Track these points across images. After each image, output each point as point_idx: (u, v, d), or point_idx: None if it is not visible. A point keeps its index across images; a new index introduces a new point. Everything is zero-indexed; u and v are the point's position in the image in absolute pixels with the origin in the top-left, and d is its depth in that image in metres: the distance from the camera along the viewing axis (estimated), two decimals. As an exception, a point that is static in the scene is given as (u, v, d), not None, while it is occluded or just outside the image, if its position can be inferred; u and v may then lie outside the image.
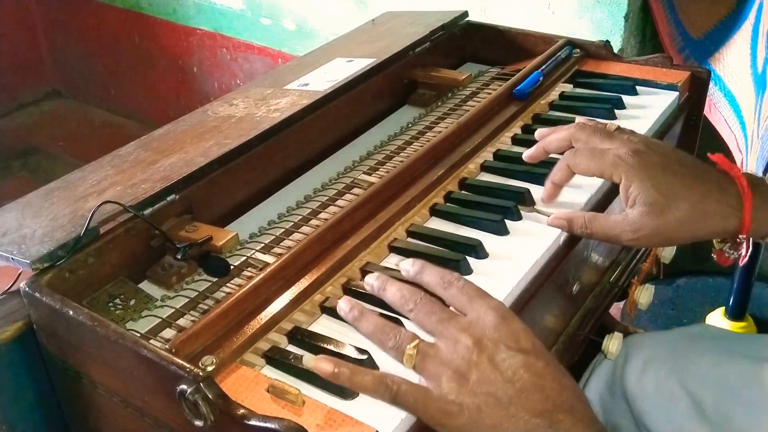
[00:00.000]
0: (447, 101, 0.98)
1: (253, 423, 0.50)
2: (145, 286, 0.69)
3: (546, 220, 0.73)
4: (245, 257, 0.70)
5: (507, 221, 0.74)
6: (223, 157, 0.76)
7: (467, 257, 0.68)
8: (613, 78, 1.00)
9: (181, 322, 0.63)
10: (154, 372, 0.55)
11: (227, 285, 0.67)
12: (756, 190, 0.70)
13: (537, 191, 0.78)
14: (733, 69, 1.31)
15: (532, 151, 0.78)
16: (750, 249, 0.74)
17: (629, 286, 0.97)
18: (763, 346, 0.84)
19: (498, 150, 0.87)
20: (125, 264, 0.68)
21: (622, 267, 0.94)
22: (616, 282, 0.93)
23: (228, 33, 2.08)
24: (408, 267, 0.59)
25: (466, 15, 1.12)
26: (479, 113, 0.89)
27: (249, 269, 0.69)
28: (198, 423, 0.52)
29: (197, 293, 0.67)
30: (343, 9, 1.76)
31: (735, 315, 1.52)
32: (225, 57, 2.14)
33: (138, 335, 0.59)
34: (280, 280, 0.65)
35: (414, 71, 1.03)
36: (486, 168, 0.85)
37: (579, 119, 0.81)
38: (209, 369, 0.56)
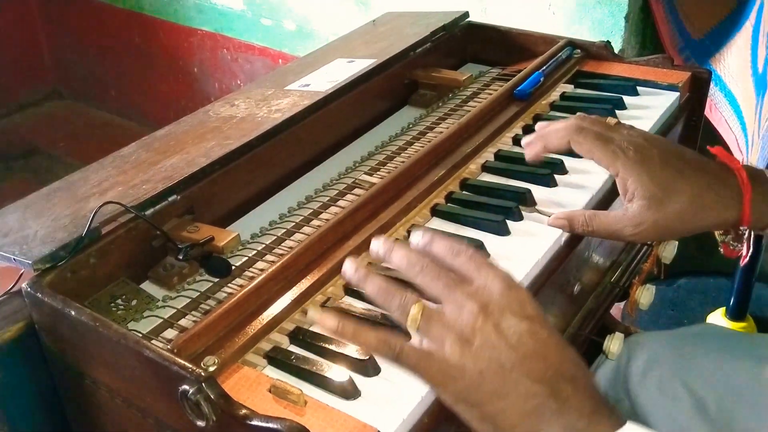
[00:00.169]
0: (448, 102, 0.98)
1: (255, 423, 0.50)
2: (147, 286, 0.69)
3: (547, 220, 0.74)
4: (247, 257, 0.70)
5: (508, 222, 0.74)
6: (225, 158, 0.77)
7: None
8: (614, 78, 1.01)
9: (183, 322, 0.64)
10: (156, 372, 0.55)
11: (229, 285, 0.67)
12: (756, 181, 0.70)
13: (538, 192, 0.78)
14: (734, 69, 1.31)
15: (532, 152, 0.76)
16: (751, 248, 0.75)
17: (630, 286, 0.97)
18: (765, 346, 0.84)
19: (499, 150, 0.87)
20: (127, 264, 0.68)
21: (623, 267, 0.94)
22: (617, 282, 0.93)
23: (229, 33, 2.08)
24: (418, 238, 0.59)
25: (466, 15, 1.12)
26: (480, 114, 0.89)
27: (250, 269, 0.69)
28: (200, 423, 0.52)
29: (199, 293, 0.67)
30: (344, 9, 1.76)
31: (735, 315, 1.52)
32: (225, 57, 2.14)
33: (140, 335, 0.59)
34: (281, 280, 0.65)
35: (415, 72, 1.03)
36: (487, 168, 0.85)
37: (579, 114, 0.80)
38: (211, 369, 0.56)
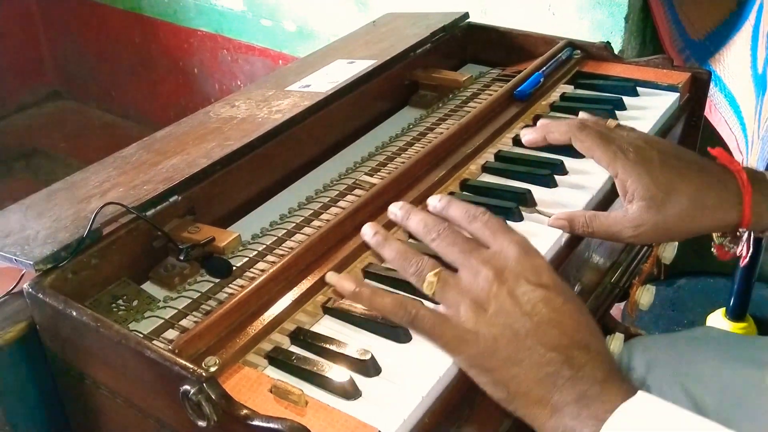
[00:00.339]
0: (448, 102, 0.98)
1: (256, 423, 0.50)
2: (148, 287, 0.69)
3: (547, 221, 0.74)
4: (247, 258, 0.70)
5: (508, 222, 0.74)
6: (226, 158, 0.77)
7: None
8: (614, 79, 1.01)
9: (184, 322, 0.64)
10: (157, 372, 0.55)
11: (230, 286, 0.67)
12: (756, 183, 0.70)
13: (538, 192, 0.78)
14: (734, 70, 1.31)
15: (531, 136, 0.76)
16: (751, 249, 0.75)
17: (630, 286, 0.98)
18: (766, 349, 0.84)
19: (499, 151, 0.87)
20: (128, 265, 0.69)
21: (623, 268, 0.95)
22: (617, 283, 0.93)
23: (228, 34, 2.09)
24: (435, 202, 0.60)
25: (467, 16, 1.12)
26: (480, 114, 0.90)
27: (251, 270, 0.69)
28: (201, 423, 0.52)
29: (200, 294, 0.67)
30: (344, 10, 1.76)
31: (735, 316, 1.52)
32: (225, 58, 2.14)
33: (141, 336, 0.59)
34: (282, 281, 0.65)
35: (415, 72, 1.03)
36: (487, 169, 0.85)
37: (581, 114, 0.80)
38: (212, 369, 0.56)
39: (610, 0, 1.32)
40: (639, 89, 0.98)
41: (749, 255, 0.76)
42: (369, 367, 0.58)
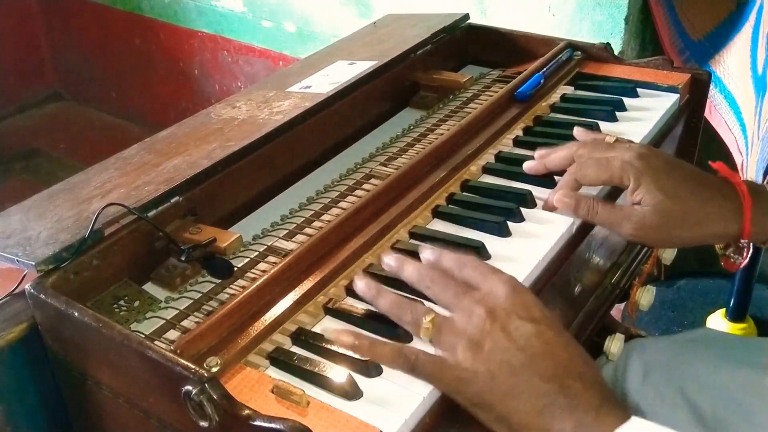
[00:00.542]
0: (448, 103, 0.99)
1: (258, 423, 0.51)
2: (149, 287, 0.69)
3: (555, 197, 0.74)
4: (249, 259, 0.70)
5: (509, 223, 0.74)
6: (227, 159, 0.77)
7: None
8: (614, 80, 1.01)
9: (185, 323, 0.64)
10: (159, 373, 0.55)
11: (231, 287, 0.67)
12: (756, 196, 0.71)
13: (539, 193, 0.79)
14: (734, 71, 1.31)
15: (532, 165, 0.80)
16: (751, 250, 0.75)
17: (630, 287, 0.98)
18: (764, 352, 0.84)
19: (500, 152, 0.87)
20: (129, 266, 0.69)
21: (623, 269, 0.95)
22: (617, 283, 0.94)
23: (229, 35, 2.09)
24: (428, 254, 0.62)
25: (467, 18, 1.12)
26: (481, 115, 0.90)
27: (252, 271, 0.69)
28: (203, 423, 0.52)
29: (201, 295, 0.67)
30: (344, 12, 1.76)
31: (735, 316, 1.52)
32: (226, 59, 2.14)
33: (142, 336, 0.59)
34: (283, 281, 0.65)
35: (416, 74, 1.03)
36: (488, 170, 0.85)
37: (577, 129, 0.82)
38: (214, 370, 0.56)
39: (610, 1, 1.32)
40: (639, 90, 0.98)
41: (749, 256, 0.77)
42: (370, 368, 0.58)
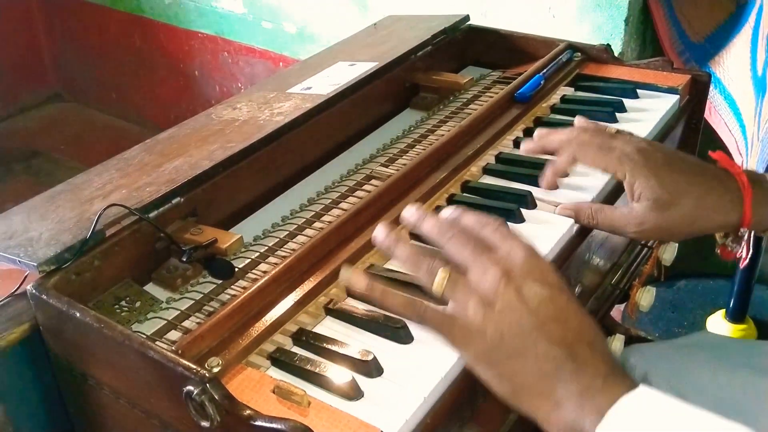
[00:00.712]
0: (449, 105, 0.99)
1: (259, 424, 0.51)
2: (151, 288, 0.70)
3: (554, 210, 0.75)
4: (250, 260, 0.71)
5: (509, 223, 0.74)
6: (228, 160, 0.77)
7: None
8: (614, 81, 1.01)
9: (187, 324, 0.64)
10: (160, 373, 0.55)
11: (232, 287, 0.68)
12: (756, 185, 0.72)
13: (539, 194, 0.79)
14: (733, 72, 1.32)
15: (530, 145, 0.79)
16: (751, 251, 0.75)
17: (630, 288, 0.98)
18: (764, 355, 0.84)
19: (500, 153, 0.88)
20: (131, 266, 0.69)
21: (623, 269, 0.95)
22: (617, 284, 0.94)
23: (229, 36, 2.09)
24: (449, 211, 0.62)
25: (467, 19, 1.12)
26: (481, 116, 0.90)
27: (253, 271, 0.69)
28: (204, 424, 0.53)
29: (202, 295, 0.67)
30: (345, 13, 1.76)
31: (735, 317, 1.52)
32: (226, 60, 2.14)
33: (144, 337, 0.59)
34: (284, 282, 0.65)
35: (416, 75, 1.04)
36: (488, 171, 0.85)
37: (578, 119, 0.81)
38: (215, 370, 0.56)
39: (610, 2, 1.32)
40: (639, 91, 0.98)
41: (749, 257, 0.77)
42: (371, 368, 0.58)
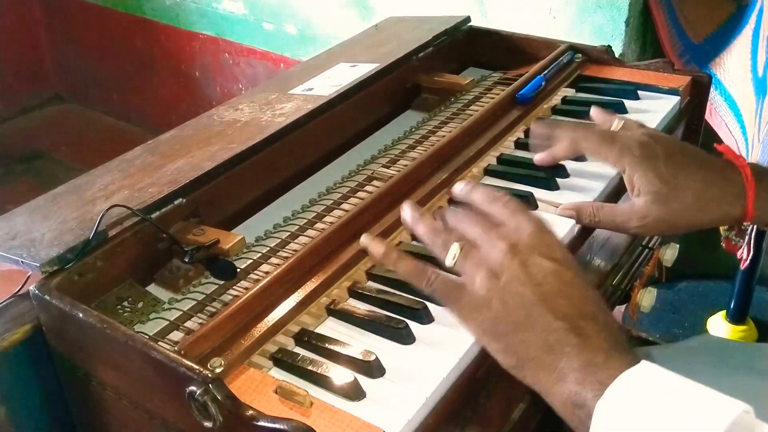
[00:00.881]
0: (450, 106, 0.99)
1: (262, 424, 0.51)
2: (153, 288, 0.70)
3: (555, 211, 0.75)
4: (252, 260, 0.71)
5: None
6: (230, 161, 0.77)
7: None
8: (615, 83, 1.01)
9: (189, 324, 0.64)
10: (163, 373, 0.56)
11: (234, 288, 0.68)
12: (760, 178, 0.72)
13: (540, 195, 0.79)
14: (734, 73, 1.32)
15: (542, 157, 0.80)
16: (752, 252, 0.75)
17: (631, 289, 0.98)
18: (764, 358, 0.85)
19: (501, 154, 0.88)
20: (133, 267, 0.69)
21: (624, 270, 0.95)
22: (618, 285, 0.94)
23: (230, 38, 2.09)
24: (460, 186, 0.64)
25: (468, 20, 1.12)
26: (482, 118, 0.90)
27: (256, 272, 0.69)
28: (207, 424, 0.53)
29: (204, 296, 0.67)
30: (346, 14, 1.76)
31: (736, 318, 1.52)
32: (227, 62, 2.15)
33: (146, 337, 0.60)
34: (286, 282, 0.65)
35: (417, 76, 1.04)
36: (489, 172, 0.85)
37: (594, 109, 0.82)
38: (218, 371, 0.56)
39: (610, 4, 1.33)
40: (640, 93, 0.98)
41: (750, 258, 0.77)
42: (373, 369, 0.58)
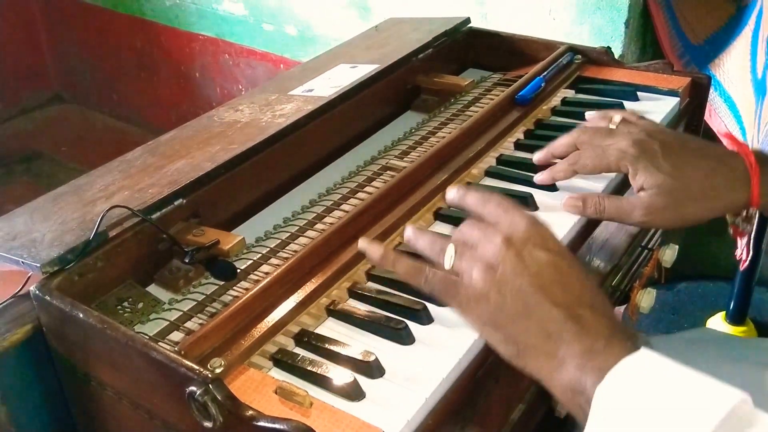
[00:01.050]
0: (450, 107, 0.99)
1: (262, 424, 0.51)
2: (153, 289, 0.70)
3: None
4: (252, 261, 0.71)
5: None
6: (230, 162, 0.77)
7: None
8: (615, 84, 1.01)
9: (189, 325, 0.64)
10: (163, 374, 0.56)
11: (234, 288, 0.68)
12: (764, 164, 0.72)
13: (540, 196, 0.79)
14: (733, 75, 1.32)
15: (540, 156, 0.81)
16: (751, 252, 0.75)
17: (631, 290, 0.98)
18: (764, 350, 0.85)
19: (501, 155, 0.88)
20: (133, 267, 0.69)
21: (623, 271, 0.95)
22: (617, 286, 0.94)
23: (230, 39, 2.09)
24: (453, 192, 0.65)
25: (468, 21, 1.12)
26: (482, 119, 0.90)
27: (255, 273, 0.69)
28: (207, 424, 0.53)
29: (204, 296, 0.67)
30: (346, 15, 1.77)
31: (735, 319, 1.52)
32: (227, 62, 2.15)
33: (147, 338, 0.60)
34: (286, 283, 0.65)
35: (417, 77, 1.04)
36: (489, 173, 0.85)
37: (588, 114, 0.84)
38: (218, 371, 0.56)
39: (610, 5, 1.33)
40: (639, 94, 0.98)
41: (749, 259, 0.77)
42: (373, 369, 0.58)
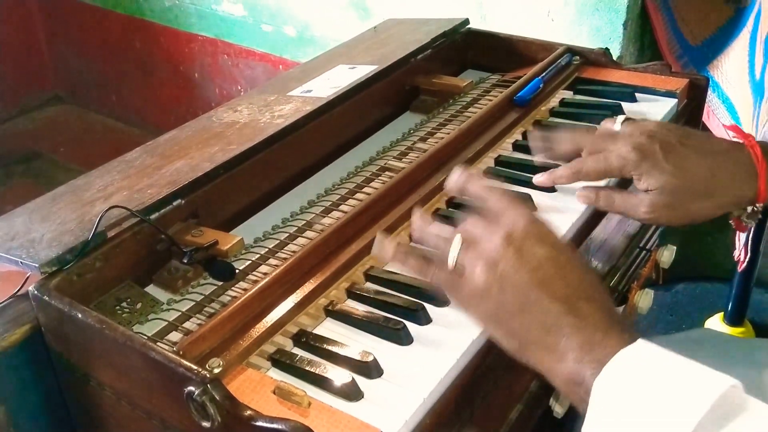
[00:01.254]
0: (448, 108, 0.99)
1: (260, 424, 0.51)
2: (152, 289, 0.70)
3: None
4: (250, 261, 0.71)
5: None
6: (228, 163, 0.77)
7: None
8: (613, 85, 1.02)
9: (187, 325, 0.64)
10: (162, 374, 0.56)
11: (233, 289, 0.68)
12: None
13: (538, 197, 0.79)
14: (731, 76, 1.32)
15: (541, 156, 0.80)
16: (749, 254, 0.76)
17: (629, 291, 0.98)
18: (763, 350, 0.85)
19: (499, 156, 0.88)
20: (132, 268, 0.69)
21: (621, 272, 0.95)
22: (615, 287, 0.94)
23: (229, 39, 2.09)
24: (455, 176, 0.66)
25: (467, 23, 1.13)
26: (480, 120, 0.90)
27: (254, 273, 0.70)
28: (205, 424, 0.53)
29: (203, 297, 0.67)
30: (345, 16, 1.77)
31: (734, 320, 1.52)
32: (226, 63, 2.15)
33: (145, 338, 0.60)
34: (285, 283, 0.65)
35: (416, 78, 1.04)
36: (487, 174, 0.85)
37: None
38: (216, 371, 0.56)
39: (608, 6, 1.33)
40: (637, 95, 0.99)
41: (747, 260, 0.77)
42: (371, 369, 0.58)
